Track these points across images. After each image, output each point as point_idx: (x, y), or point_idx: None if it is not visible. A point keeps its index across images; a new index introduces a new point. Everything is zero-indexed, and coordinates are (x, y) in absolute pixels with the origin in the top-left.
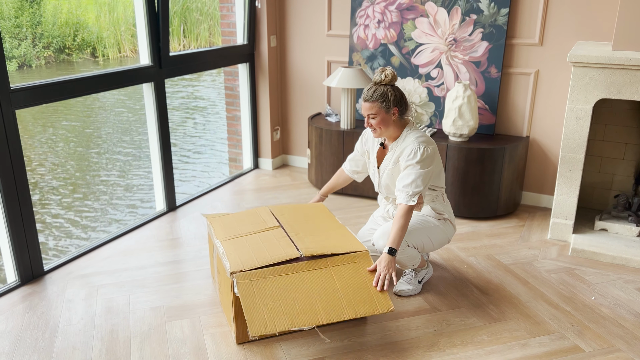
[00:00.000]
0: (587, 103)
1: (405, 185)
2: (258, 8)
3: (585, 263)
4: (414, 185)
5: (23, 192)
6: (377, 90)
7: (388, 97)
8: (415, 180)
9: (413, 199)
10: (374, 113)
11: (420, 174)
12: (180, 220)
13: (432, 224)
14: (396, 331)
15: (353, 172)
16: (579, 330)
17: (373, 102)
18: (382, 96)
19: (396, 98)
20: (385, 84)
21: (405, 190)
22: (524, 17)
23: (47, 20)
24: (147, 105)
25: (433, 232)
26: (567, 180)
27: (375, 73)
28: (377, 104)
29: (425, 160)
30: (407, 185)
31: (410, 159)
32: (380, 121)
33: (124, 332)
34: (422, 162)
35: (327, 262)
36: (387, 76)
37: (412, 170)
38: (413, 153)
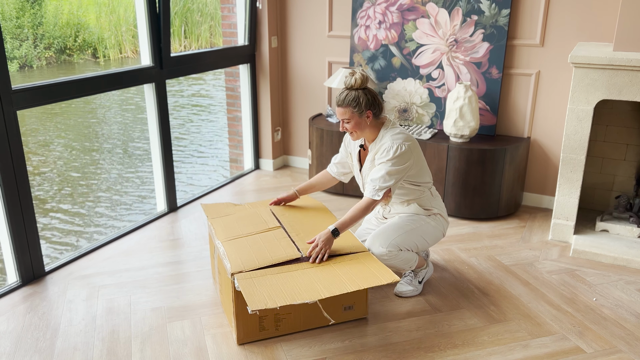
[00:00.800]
0: (588, 104)
1: (373, 179)
2: (259, 9)
3: (586, 264)
4: (382, 180)
5: (24, 193)
6: (349, 95)
7: (360, 102)
8: (384, 176)
9: (378, 194)
10: (347, 118)
11: (390, 171)
12: (181, 221)
13: (422, 222)
14: (397, 332)
15: (340, 174)
16: (580, 331)
17: (345, 107)
18: (354, 101)
19: (368, 101)
20: (357, 88)
21: (372, 184)
22: (525, 18)
23: (48, 21)
24: (148, 105)
25: (425, 231)
26: (568, 181)
27: (345, 77)
28: (349, 108)
29: (398, 158)
30: (374, 179)
31: (383, 157)
32: (355, 125)
33: (124, 332)
34: (394, 159)
35: (329, 261)
36: (356, 80)
37: (382, 166)
38: (386, 151)
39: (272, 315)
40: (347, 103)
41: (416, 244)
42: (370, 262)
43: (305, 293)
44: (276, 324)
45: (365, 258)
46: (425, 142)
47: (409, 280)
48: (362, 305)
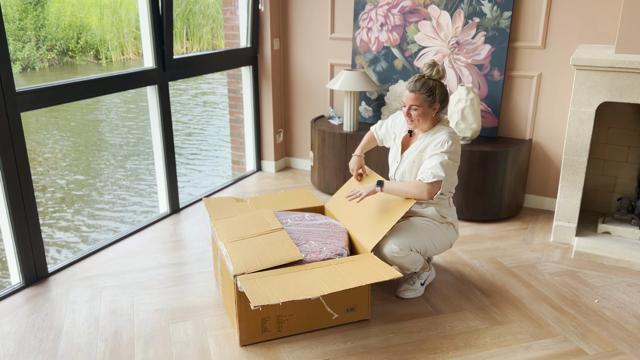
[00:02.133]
0: (590, 106)
1: (428, 167)
2: (261, 11)
3: (588, 266)
4: (437, 168)
5: (28, 194)
6: (426, 84)
7: (435, 93)
8: (438, 165)
9: (433, 179)
10: (417, 105)
11: (443, 162)
12: (183, 222)
13: (435, 228)
14: (399, 334)
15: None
16: (582, 333)
17: (419, 94)
18: (430, 90)
19: (442, 95)
20: (435, 79)
21: (427, 171)
22: (527, 20)
23: (50, 22)
24: (150, 107)
25: (436, 236)
26: (570, 183)
27: (424, 66)
28: (423, 96)
29: (451, 152)
30: (430, 167)
31: (438, 148)
32: (421, 114)
33: (127, 333)
34: (449, 153)
35: (330, 262)
36: (438, 72)
37: (436, 157)
38: (441, 143)
39: (275, 317)
40: (422, 91)
41: (426, 247)
42: (372, 261)
43: (307, 290)
44: (279, 326)
45: (367, 259)
46: None
47: (411, 283)
48: (364, 306)
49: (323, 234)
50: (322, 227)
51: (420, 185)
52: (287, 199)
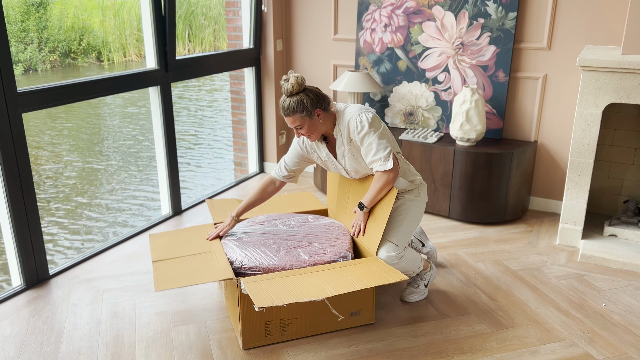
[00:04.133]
0: (597, 107)
1: (373, 155)
2: (264, 12)
3: (594, 269)
4: (381, 149)
5: (29, 195)
6: (292, 102)
7: (305, 104)
8: (378, 145)
9: (388, 163)
10: (299, 124)
11: (379, 138)
12: (185, 225)
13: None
14: (404, 337)
15: (289, 177)
16: (589, 337)
17: (293, 114)
18: (299, 106)
19: (313, 101)
20: (297, 93)
21: (375, 159)
22: (532, 21)
23: (52, 24)
24: (153, 109)
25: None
26: (576, 185)
27: (281, 84)
28: (297, 115)
29: (372, 125)
30: (374, 154)
31: (360, 131)
32: (309, 128)
33: (129, 337)
34: (370, 129)
35: (334, 265)
36: (293, 86)
37: (368, 139)
38: (356, 128)
39: (278, 320)
40: (292, 111)
41: (411, 231)
42: (377, 264)
43: (312, 292)
44: (282, 329)
45: (372, 262)
46: (432, 145)
47: (415, 285)
48: (369, 311)
49: (327, 236)
50: (325, 228)
51: (383, 175)
52: (291, 201)
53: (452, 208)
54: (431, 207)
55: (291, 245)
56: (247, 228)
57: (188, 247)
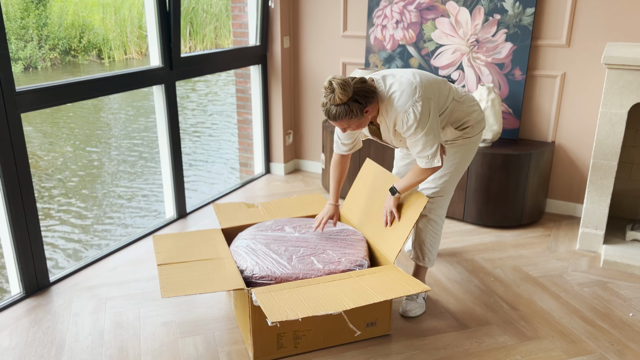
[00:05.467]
0: (622, 107)
1: (419, 152)
2: (271, 8)
3: (618, 276)
4: (428, 146)
5: (28, 199)
6: (339, 111)
7: (352, 110)
8: (425, 143)
9: (435, 161)
10: (346, 126)
11: (426, 135)
12: (190, 228)
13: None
14: (423, 350)
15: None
16: (619, 350)
17: (341, 121)
18: (348, 114)
19: (362, 105)
20: (341, 102)
21: (422, 155)
22: (551, 17)
23: (53, 21)
24: (157, 108)
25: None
26: (598, 188)
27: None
28: (345, 120)
29: (421, 119)
30: (419, 152)
31: (407, 130)
32: (356, 127)
33: (134, 349)
34: (420, 124)
35: (350, 274)
36: (340, 99)
37: (415, 137)
38: (405, 123)
39: (291, 332)
40: (340, 118)
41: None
42: (395, 273)
43: (328, 305)
44: (295, 342)
45: (389, 270)
46: None
47: (413, 297)
48: (386, 321)
49: (341, 243)
50: (339, 235)
51: (423, 172)
52: (300, 204)
53: (467, 211)
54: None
55: (304, 253)
56: (257, 233)
57: (195, 252)
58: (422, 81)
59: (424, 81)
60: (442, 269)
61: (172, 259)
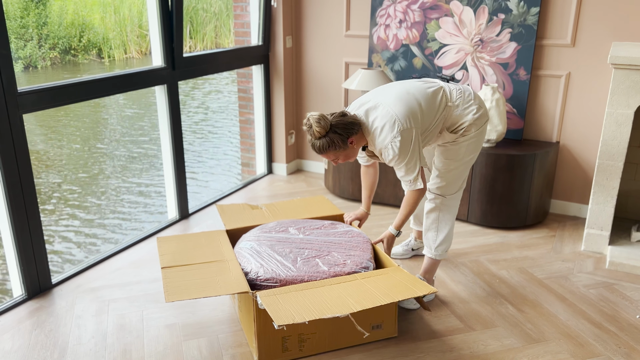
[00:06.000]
0: (629, 107)
1: (401, 176)
2: (274, 7)
3: (624, 277)
4: (407, 174)
5: (30, 200)
6: (322, 144)
7: (336, 143)
8: (406, 171)
9: (417, 184)
10: (334, 158)
11: (407, 164)
12: (193, 229)
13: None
14: (429, 353)
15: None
16: (626, 352)
17: (327, 153)
18: (331, 146)
19: (343, 137)
20: (323, 135)
21: (405, 180)
22: (556, 17)
23: (52, 21)
24: (159, 108)
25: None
26: (603, 189)
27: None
28: (331, 152)
29: (402, 151)
30: (402, 176)
31: (389, 162)
32: (346, 157)
33: (137, 352)
34: (401, 155)
35: (356, 276)
36: (319, 132)
37: (397, 167)
38: (387, 156)
39: (296, 335)
40: (326, 150)
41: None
42: (401, 275)
43: (334, 307)
44: (300, 344)
45: (395, 272)
46: None
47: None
48: (391, 323)
49: (346, 245)
50: (344, 236)
51: (410, 197)
52: (304, 206)
53: (471, 212)
54: None
55: (309, 255)
56: (261, 235)
57: (198, 255)
58: (404, 112)
59: (405, 111)
60: (447, 270)
61: (176, 261)
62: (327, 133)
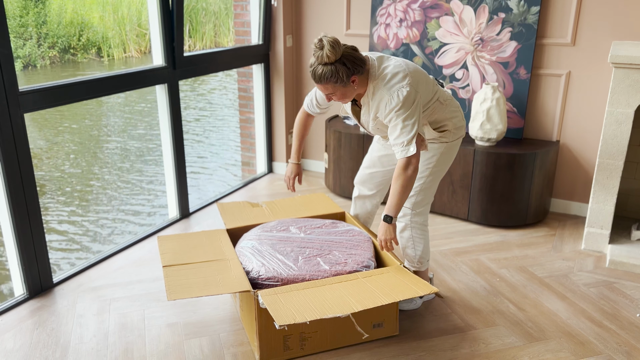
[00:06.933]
0: (629, 106)
1: (395, 138)
2: (274, 6)
3: (624, 276)
4: (403, 134)
5: (31, 199)
6: (325, 72)
7: (340, 75)
8: (402, 130)
9: (410, 149)
10: (331, 92)
11: (404, 121)
12: (194, 228)
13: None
14: (431, 352)
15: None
16: (627, 351)
17: (325, 83)
18: (333, 77)
19: (349, 70)
20: (330, 62)
21: (397, 143)
22: (556, 16)
23: (52, 19)
24: (160, 108)
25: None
26: (603, 188)
27: (314, 49)
28: (330, 84)
29: (405, 103)
30: (396, 137)
31: (387, 112)
32: (341, 95)
33: (139, 351)
34: (402, 107)
35: (357, 275)
36: (329, 57)
37: (393, 122)
38: (386, 105)
39: (297, 334)
40: (325, 79)
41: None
42: (402, 274)
43: (336, 307)
44: (301, 343)
45: (396, 271)
46: None
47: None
48: (393, 322)
49: (347, 244)
50: (345, 235)
51: (406, 163)
52: (305, 204)
53: (471, 211)
54: (449, 209)
55: (310, 254)
56: (262, 234)
57: (200, 253)
58: (413, 73)
59: (415, 74)
60: (447, 269)
61: (177, 260)
62: (336, 61)
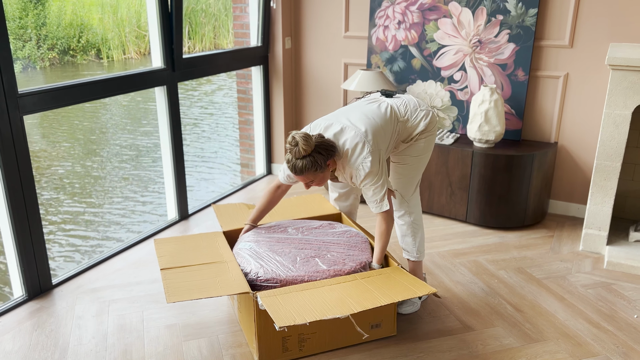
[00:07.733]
0: (627, 108)
1: (369, 197)
2: (273, 8)
3: (622, 277)
4: (377, 194)
5: (30, 201)
6: (305, 164)
7: (318, 163)
8: (374, 192)
9: (383, 206)
10: (310, 180)
11: (373, 184)
12: (193, 230)
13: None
14: (428, 353)
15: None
16: (624, 352)
17: (306, 175)
18: (313, 167)
19: (324, 157)
20: (307, 154)
21: (371, 200)
22: (554, 18)
23: (51, 21)
24: (159, 109)
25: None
26: (601, 189)
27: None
28: (310, 173)
29: (371, 171)
30: (370, 197)
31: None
32: (320, 180)
33: (138, 352)
34: (370, 175)
35: (355, 275)
36: (305, 150)
37: (366, 188)
38: (357, 178)
39: (296, 335)
40: (306, 170)
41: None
42: (401, 275)
43: (335, 308)
44: (300, 344)
45: (395, 272)
46: (449, 147)
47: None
48: (390, 322)
49: (344, 244)
50: (342, 236)
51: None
52: (301, 205)
53: (469, 212)
54: (448, 211)
55: (308, 255)
56: (259, 236)
57: (198, 256)
58: (369, 133)
59: (370, 132)
60: (445, 270)
61: (175, 263)
62: (312, 152)
